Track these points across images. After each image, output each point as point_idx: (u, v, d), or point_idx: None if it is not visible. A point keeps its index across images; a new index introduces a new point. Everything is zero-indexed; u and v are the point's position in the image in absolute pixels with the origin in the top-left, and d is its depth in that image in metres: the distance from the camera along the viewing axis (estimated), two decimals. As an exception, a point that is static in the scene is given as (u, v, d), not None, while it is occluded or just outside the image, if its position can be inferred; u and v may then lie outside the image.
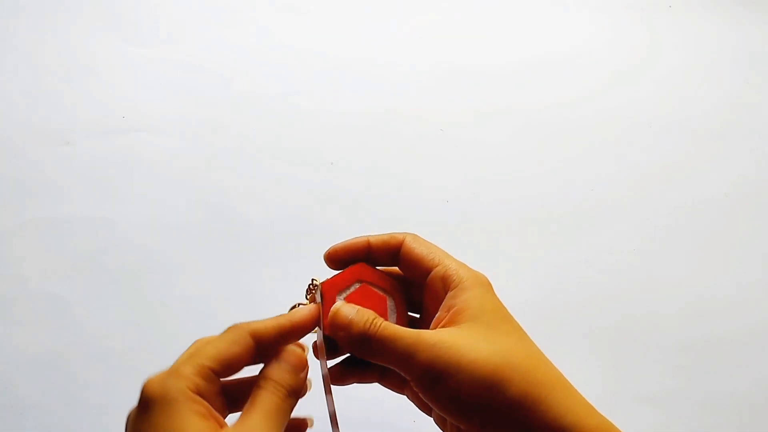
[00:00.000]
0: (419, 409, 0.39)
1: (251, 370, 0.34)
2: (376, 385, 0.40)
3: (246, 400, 0.32)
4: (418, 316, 0.40)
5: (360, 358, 0.35)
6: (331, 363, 0.38)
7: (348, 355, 0.39)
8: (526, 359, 0.33)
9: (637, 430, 0.51)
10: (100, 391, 0.51)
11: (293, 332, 0.36)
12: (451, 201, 0.60)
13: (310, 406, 0.36)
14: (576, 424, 0.31)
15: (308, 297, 0.38)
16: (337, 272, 0.38)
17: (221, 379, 0.33)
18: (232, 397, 0.34)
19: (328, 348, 0.37)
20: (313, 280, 0.38)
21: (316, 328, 0.37)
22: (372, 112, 0.64)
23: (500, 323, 0.35)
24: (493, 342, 0.33)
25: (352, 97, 0.65)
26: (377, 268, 0.39)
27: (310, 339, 0.37)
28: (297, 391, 0.34)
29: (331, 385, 0.37)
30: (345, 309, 0.35)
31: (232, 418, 0.32)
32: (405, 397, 0.39)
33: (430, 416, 0.38)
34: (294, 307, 0.37)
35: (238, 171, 0.61)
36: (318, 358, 0.37)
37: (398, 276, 0.40)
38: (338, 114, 0.64)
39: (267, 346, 0.35)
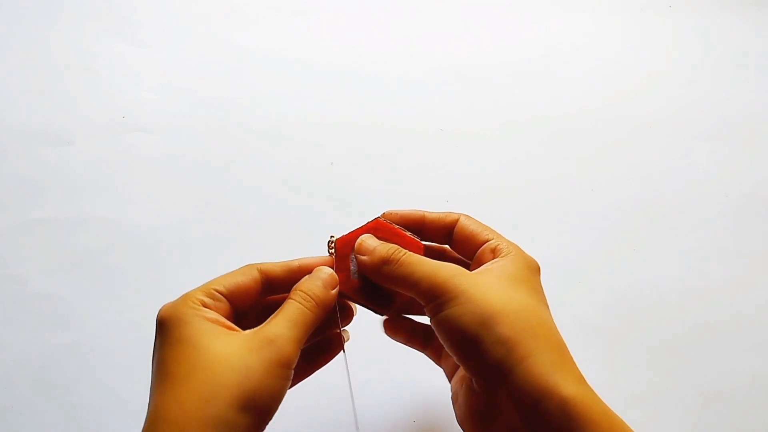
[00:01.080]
0: (449, 381, 0.39)
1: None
2: (375, 384, 0.40)
3: None
4: None
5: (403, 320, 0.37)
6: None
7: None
8: (534, 316, 0.33)
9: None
10: (100, 392, 0.51)
11: (301, 272, 0.38)
12: (451, 201, 0.60)
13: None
14: (559, 384, 0.30)
15: (330, 253, 0.39)
16: (353, 229, 0.39)
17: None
18: None
19: (341, 306, 0.38)
20: (331, 236, 0.39)
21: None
22: (371, 112, 0.64)
23: (527, 287, 0.35)
24: (511, 293, 0.34)
25: (351, 97, 0.64)
26: (396, 226, 0.39)
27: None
28: (325, 305, 0.35)
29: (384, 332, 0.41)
30: (371, 240, 0.38)
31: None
32: (405, 397, 0.40)
33: (460, 395, 0.38)
34: (329, 241, 0.39)
35: (237, 171, 0.61)
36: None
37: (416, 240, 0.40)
38: (338, 114, 0.64)
39: (275, 282, 0.37)
